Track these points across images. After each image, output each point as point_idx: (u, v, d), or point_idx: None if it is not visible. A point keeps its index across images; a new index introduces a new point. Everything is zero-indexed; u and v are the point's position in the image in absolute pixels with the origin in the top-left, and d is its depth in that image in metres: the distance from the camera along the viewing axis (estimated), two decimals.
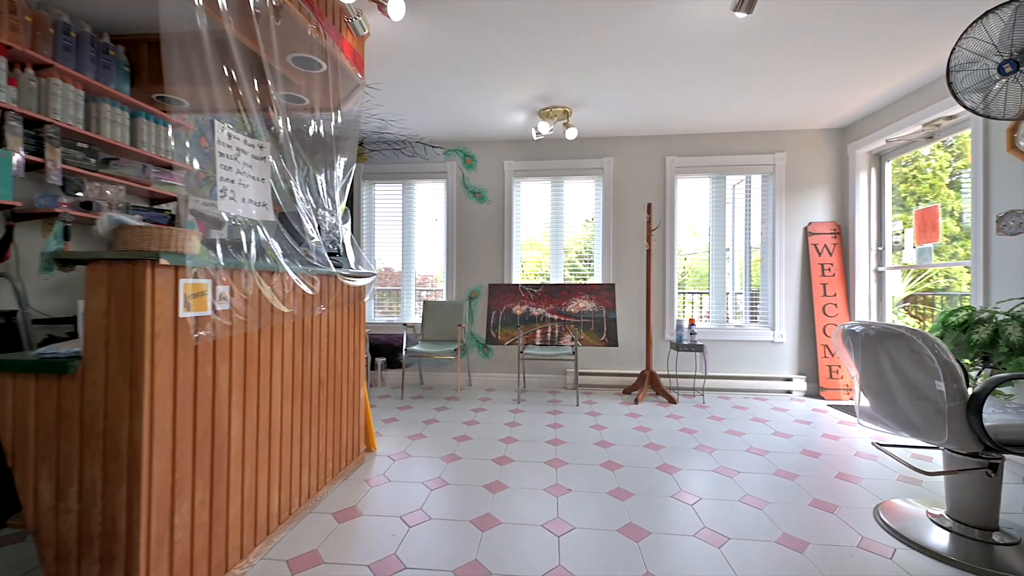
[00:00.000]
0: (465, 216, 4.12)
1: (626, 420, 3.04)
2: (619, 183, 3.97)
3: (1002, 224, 2.41)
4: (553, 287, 3.86)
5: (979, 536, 1.55)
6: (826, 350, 3.62)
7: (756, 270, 3.94)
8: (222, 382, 1.36)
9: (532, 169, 4.06)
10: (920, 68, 2.74)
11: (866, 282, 3.56)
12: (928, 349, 1.44)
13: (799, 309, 3.79)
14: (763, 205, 3.89)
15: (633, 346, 3.93)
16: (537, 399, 3.59)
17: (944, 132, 2.91)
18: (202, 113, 1.49)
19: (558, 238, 4.08)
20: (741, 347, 3.84)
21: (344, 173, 2.30)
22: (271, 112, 1.77)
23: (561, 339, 3.74)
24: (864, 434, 2.77)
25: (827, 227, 3.74)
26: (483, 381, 4.08)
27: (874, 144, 3.42)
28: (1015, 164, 2.33)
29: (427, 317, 3.98)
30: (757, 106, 3.33)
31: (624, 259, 3.95)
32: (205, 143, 2.94)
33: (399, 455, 2.43)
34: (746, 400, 3.59)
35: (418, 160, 4.18)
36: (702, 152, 3.88)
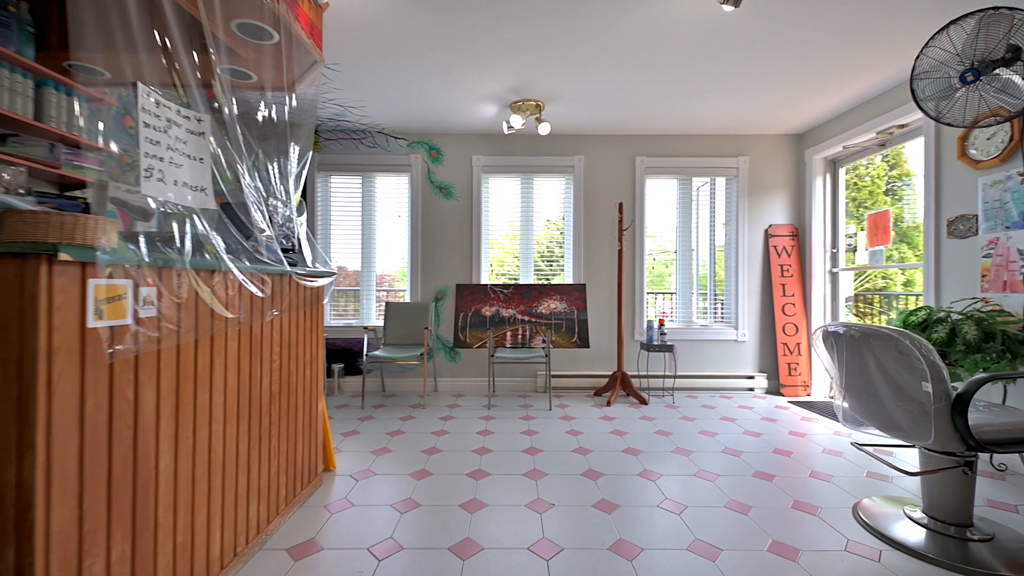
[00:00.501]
0: (431, 212, 3.91)
1: (601, 424, 2.97)
2: (590, 182, 3.91)
3: (952, 228, 2.55)
4: (523, 287, 3.74)
5: (955, 533, 1.58)
6: (785, 348, 3.74)
7: (720, 271, 4.02)
8: (147, 406, 1.11)
9: (502, 165, 3.91)
10: (875, 79, 2.87)
11: (821, 282, 3.71)
12: (916, 350, 1.44)
13: (760, 309, 3.90)
14: (727, 207, 3.97)
15: (603, 347, 3.89)
16: (508, 404, 3.45)
17: (896, 140, 3.07)
18: (126, 87, 1.23)
19: (528, 237, 3.96)
20: (706, 346, 3.89)
21: (299, 161, 2.06)
22: (213, 88, 1.52)
23: (532, 341, 3.62)
24: (826, 430, 2.86)
25: (786, 229, 3.88)
26: (450, 386, 3.88)
27: (830, 151, 3.57)
28: (965, 171, 2.47)
29: (389, 319, 3.73)
30: (722, 110, 3.38)
31: (594, 259, 3.90)
32: (130, 122, 2.55)
33: (362, 474, 2.20)
34: (712, 399, 3.64)
35: (379, 151, 3.91)
36: (670, 153, 3.90)
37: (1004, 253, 2.27)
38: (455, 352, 3.89)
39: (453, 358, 3.89)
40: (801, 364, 3.73)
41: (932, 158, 2.65)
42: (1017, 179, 2.21)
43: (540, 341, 3.61)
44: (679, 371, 3.85)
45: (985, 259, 2.36)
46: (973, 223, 2.42)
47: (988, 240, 2.35)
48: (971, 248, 2.44)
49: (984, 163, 2.34)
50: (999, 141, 2.27)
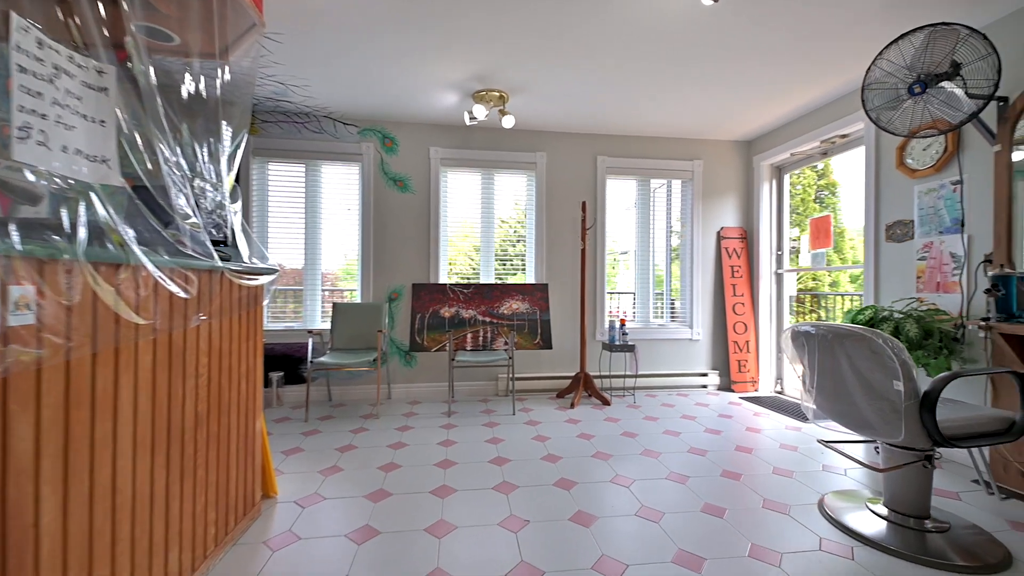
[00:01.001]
0: (384, 206, 3.63)
1: (566, 428, 2.88)
2: (552, 180, 3.82)
3: (890, 232, 2.73)
4: (484, 287, 3.57)
5: (914, 524, 1.64)
6: (735, 346, 3.88)
7: (676, 271, 4.10)
8: (22, 444, 0.83)
9: (461, 159, 3.72)
10: (821, 90, 3.02)
11: (768, 283, 3.90)
12: (888, 349, 1.46)
13: (713, 308, 4.03)
14: (682, 210, 4.06)
15: (566, 348, 3.82)
16: (469, 410, 3.27)
17: (838, 149, 3.27)
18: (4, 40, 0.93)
19: (489, 235, 3.80)
20: (663, 345, 3.95)
21: (233, 140, 1.77)
22: (126, 48, 1.22)
23: (494, 343, 3.47)
24: (778, 425, 2.97)
25: (736, 232, 4.03)
26: (405, 393, 3.63)
27: (776, 158, 3.75)
28: (902, 179, 2.65)
29: (338, 322, 3.42)
30: (679, 114, 3.43)
31: (556, 258, 3.82)
32: (12, 85, 2.09)
33: (309, 499, 1.94)
34: (670, 396, 3.69)
35: (326, 138, 3.57)
36: (630, 154, 3.92)
37: (938, 256, 2.45)
38: (411, 356, 3.64)
39: (409, 362, 3.64)
40: (750, 361, 3.89)
41: (872, 167, 2.83)
42: (950, 187, 2.39)
43: (503, 343, 3.47)
44: (639, 371, 3.88)
45: (920, 261, 2.54)
46: (910, 228, 2.61)
47: (923, 244, 2.53)
48: (907, 251, 2.62)
49: (920, 172, 2.52)
50: (934, 152, 2.45)
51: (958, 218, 2.35)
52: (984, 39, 1.85)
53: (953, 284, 2.37)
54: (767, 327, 3.88)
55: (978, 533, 1.61)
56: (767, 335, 3.88)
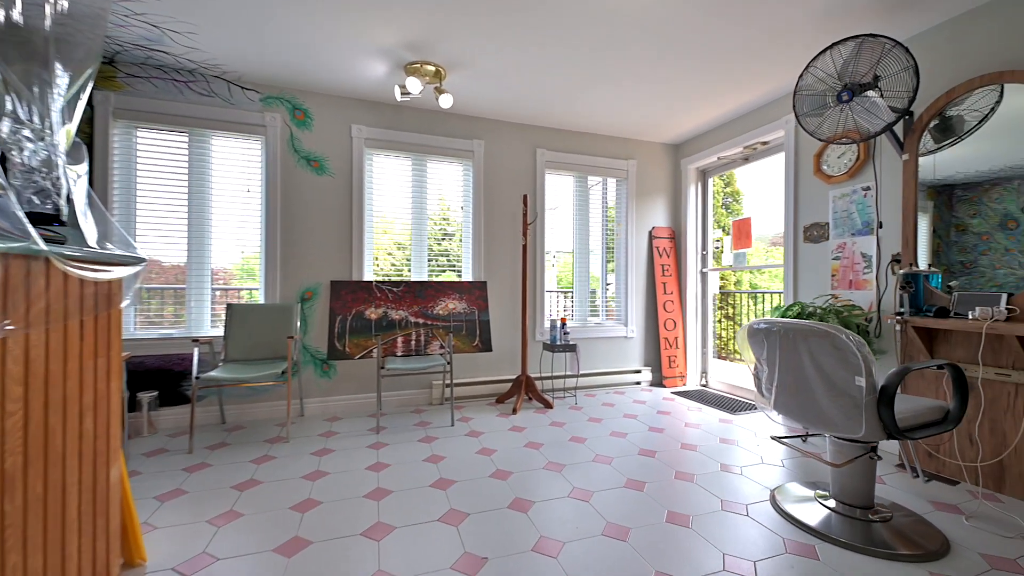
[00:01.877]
0: (295, 190, 3.09)
1: (512, 437, 2.66)
2: (491, 170, 3.58)
3: (808, 233, 2.93)
4: (417, 285, 3.21)
5: (860, 515, 1.69)
6: (666, 343, 3.99)
7: (612, 269, 4.11)
8: None
9: (390, 141, 3.31)
10: (746, 98, 3.17)
11: (695, 281, 4.06)
12: (852, 346, 1.46)
13: (645, 306, 4.10)
14: (617, 208, 4.08)
15: (505, 350, 3.60)
16: (401, 424, 2.89)
17: (759, 155, 3.47)
18: None
19: (421, 228, 3.44)
20: (599, 344, 3.93)
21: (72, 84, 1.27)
22: None
23: (428, 347, 3.13)
24: (711, 419, 3.04)
25: (666, 232, 4.15)
26: (322, 409, 3.13)
27: (702, 161, 3.92)
28: (819, 184, 2.86)
29: (234, 328, 2.82)
30: (616, 113, 3.41)
31: (495, 255, 3.59)
32: None
33: (194, 562, 1.47)
34: (608, 395, 3.66)
35: (218, 103, 2.94)
36: (569, 149, 3.82)
37: (850, 256, 2.67)
38: (329, 366, 3.15)
39: (326, 373, 3.14)
40: (678, 357, 4.02)
41: (792, 172, 3.03)
42: (861, 193, 2.61)
43: (439, 347, 3.14)
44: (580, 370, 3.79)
45: (835, 261, 2.75)
46: (825, 229, 2.81)
47: (837, 244, 2.74)
48: (823, 251, 2.82)
49: (835, 178, 2.73)
50: (847, 160, 2.66)
51: (869, 221, 2.57)
52: (906, 52, 2.00)
53: (864, 281, 2.58)
54: (694, 323, 4.05)
55: (917, 521, 1.70)
56: (694, 331, 4.04)
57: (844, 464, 1.66)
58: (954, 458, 2.10)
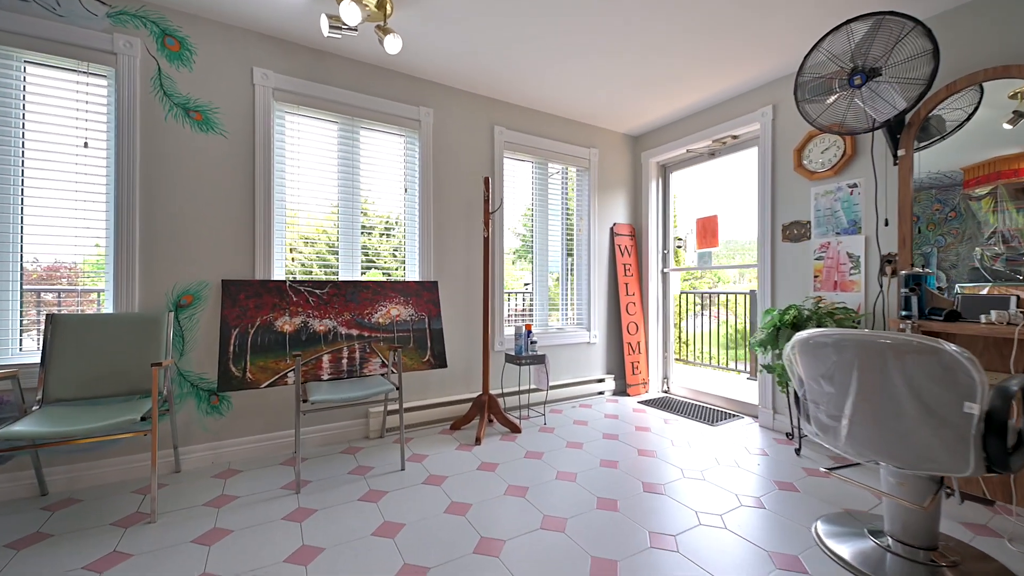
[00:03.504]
0: (166, 151, 2.17)
1: (484, 481, 2.09)
2: (441, 147, 2.94)
3: (787, 232, 2.79)
4: (349, 287, 2.48)
5: (923, 558, 1.44)
6: (629, 348, 3.71)
7: (571, 269, 3.71)
8: None
9: (310, 96, 2.51)
10: (717, 87, 2.97)
11: (656, 282, 3.84)
12: (965, 363, 1.16)
13: (607, 309, 3.78)
14: (578, 200, 3.69)
15: (460, 364, 3.00)
16: (331, 472, 2.15)
17: (727, 151, 3.32)
18: None
19: (352, 213, 2.69)
20: (562, 351, 3.51)
21: None
22: None
23: (365, 366, 2.41)
24: (691, 433, 2.78)
25: (626, 229, 3.87)
26: (211, 459, 2.24)
27: (664, 155, 3.70)
28: (800, 181, 2.72)
29: (60, 351, 1.85)
30: (578, 92, 3.04)
31: (448, 249, 2.96)
32: None
33: None
34: (575, 409, 3.26)
35: (35, 10, 1.92)
36: (529, 130, 3.34)
37: (835, 256, 2.55)
38: (220, 398, 2.28)
39: (216, 408, 2.27)
40: (641, 363, 3.76)
41: (768, 168, 2.88)
42: (847, 190, 2.50)
43: (379, 365, 2.44)
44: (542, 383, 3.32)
45: (817, 261, 2.63)
46: (807, 228, 2.69)
47: (820, 244, 2.62)
48: (805, 251, 2.70)
49: (818, 174, 2.60)
50: (832, 156, 2.55)
51: (856, 219, 2.46)
52: (928, 34, 1.84)
53: (851, 283, 2.48)
54: (655, 327, 3.82)
55: (985, 561, 1.49)
56: (655, 335, 3.82)
57: (929, 505, 1.38)
58: None
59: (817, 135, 2.61)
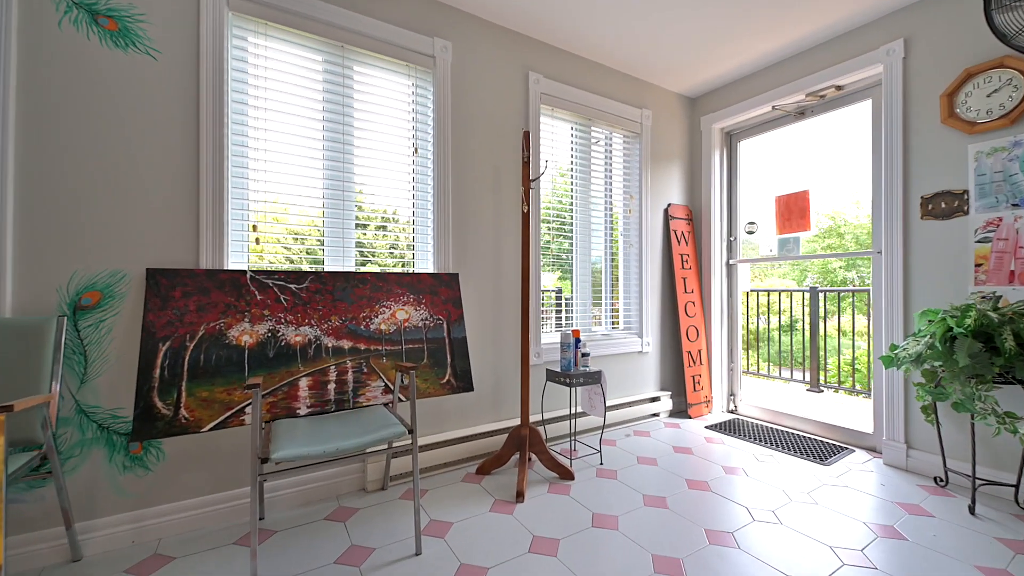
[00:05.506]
0: (59, 74, 1.43)
1: (542, 567, 1.37)
2: (462, 93, 2.22)
3: (930, 207, 2.08)
4: (338, 280, 1.75)
5: None
6: (689, 358, 2.99)
7: (615, 260, 2.99)
8: None
9: (282, 7, 1.78)
10: (808, 27, 2.29)
11: (720, 276, 3.13)
12: None
13: (661, 309, 3.07)
14: (627, 175, 2.98)
15: (487, 384, 2.27)
16: (307, 559, 1.42)
17: (824, 107, 2.61)
18: None
19: (343, 179, 1.96)
20: (609, 363, 2.79)
21: None
22: None
23: (362, 392, 1.68)
24: (803, 475, 2.07)
25: (683, 211, 3.16)
26: (129, 537, 1.51)
27: (731, 119, 3.00)
28: (949, 136, 2.02)
29: None
30: (630, 40, 2.34)
31: (471, 232, 2.24)
32: None
33: None
34: (630, 439, 2.54)
35: None
36: (570, 81, 2.62)
37: (1010, 236, 1.85)
38: (144, 446, 1.54)
39: (139, 460, 1.53)
40: (703, 376, 3.05)
41: (897, 122, 2.17)
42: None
43: (383, 390, 1.71)
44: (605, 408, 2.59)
45: (981, 244, 1.92)
46: (962, 200, 1.98)
47: (984, 221, 1.91)
48: (958, 231, 1.99)
49: (982, 125, 1.90)
50: (1006, 99, 1.84)
51: None
52: None
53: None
54: (718, 332, 3.11)
55: None
56: (719, 342, 3.10)
57: None
58: None
59: (981, 72, 1.90)
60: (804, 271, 4.92)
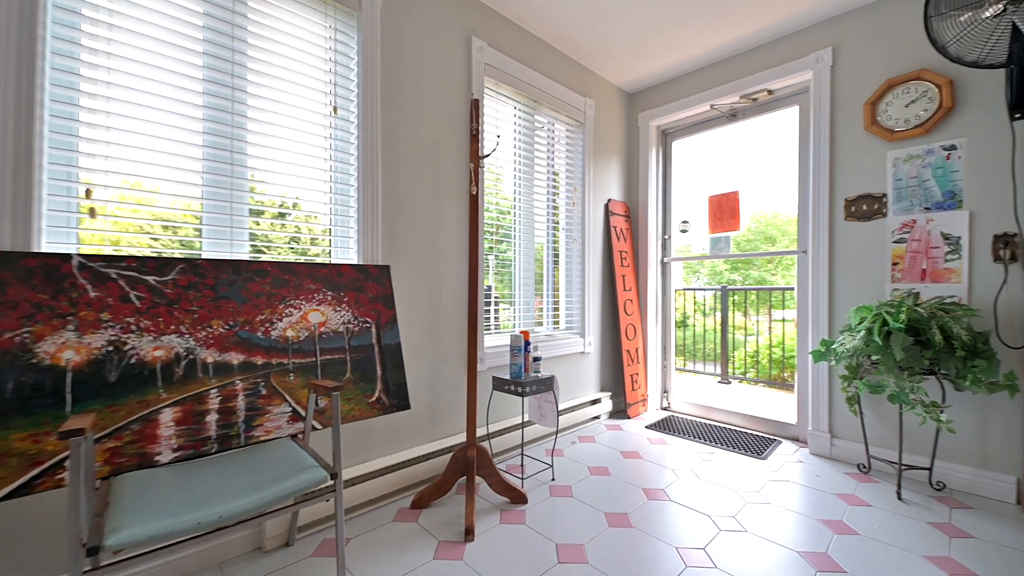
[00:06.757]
0: None
1: None
2: (394, 44, 1.84)
3: (853, 209, 2.20)
4: (225, 270, 1.29)
5: None
6: (628, 356, 2.93)
7: (556, 255, 2.82)
8: None
9: None
10: (743, 30, 2.34)
11: (656, 274, 3.12)
12: None
13: (602, 307, 2.97)
14: (569, 166, 2.81)
15: (421, 397, 1.92)
16: None
17: (755, 111, 2.68)
18: None
19: (232, 136, 1.48)
20: (553, 366, 2.61)
21: None
22: None
23: (258, 422, 1.25)
24: (753, 474, 2.07)
25: (621, 207, 3.10)
26: None
27: (667, 118, 2.99)
28: (871, 143, 2.14)
29: None
30: (574, 20, 2.19)
31: (404, 214, 1.87)
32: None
33: None
34: (576, 446, 2.38)
35: None
36: (515, 55, 2.37)
37: (923, 238, 2.00)
38: None
39: None
40: (640, 375, 3.02)
41: (824, 127, 2.28)
42: (943, 154, 1.95)
43: (289, 417, 1.30)
44: (558, 417, 2.36)
45: (897, 244, 2.06)
46: (881, 203, 2.11)
47: (901, 223, 2.06)
48: (878, 232, 2.12)
49: (901, 134, 2.04)
50: (921, 110, 1.99)
51: (954, 191, 1.92)
52: None
53: (947, 271, 1.94)
54: (654, 329, 3.10)
55: None
56: (654, 339, 3.10)
57: None
58: None
59: (900, 83, 2.04)
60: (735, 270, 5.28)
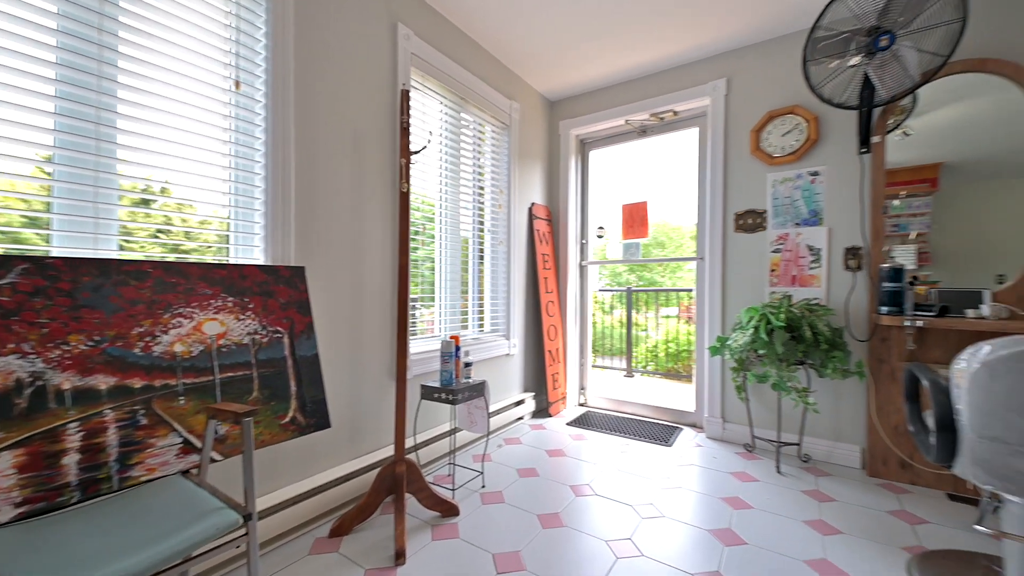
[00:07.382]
0: None
1: None
2: (311, 26, 1.64)
3: (741, 222, 2.52)
4: (85, 269, 1.02)
5: None
6: (550, 356, 3.01)
7: (481, 258, 2.79)
8: None
9: None
10: (655, 53, 2.56)
11: (575, 277, 3.26)
12: None
13: (525, 309, 3.00)
14: (495, 169, 2.79)
15: (342, 412, 1.74)
16: None
17: (662, 128, 2.93)
18: None
19: (97, 105, 1.18)
20: (480, 369, 2.57)
21: None
22: None
23: (136, 459, 1.02)
24: (664, 462, 2.25)
25: (544, 211, 3.17)
26: None
27: (585, 128, 3.14)
28: (756, 166, 2.47)
29: None
30: (500, 21, 2.21)
31: (322, 208, 1.68)
32: None
33: None
34: (503, 449, 2.37)
35: None
36: (443, 48, 2.28)
37: (794, 249, 2.36)
38: None
39: None
40: (560, 373, 3.12)
41: (719, 149, 2.57)
42: (808, 178, 2.32)
43: (179, 449, 1.07)
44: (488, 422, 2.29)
45: (775, 254, 2.41)
46: (762, 218, 2.45)
47: (777, 236, 2.40)
48: (760, 243, 2.46)
49: (778, 159, 2.38)
50: (794, 140, 2.34)
51: (817, 210, 2.30)
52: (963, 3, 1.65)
53: (811, 277, 2.31)
54: (573, 329, 3.23)
55: None
56: (574, 339, 3.23)
57: None
58: (930, 466, 1.96)
59: (779, 115, 2.38)
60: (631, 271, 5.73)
